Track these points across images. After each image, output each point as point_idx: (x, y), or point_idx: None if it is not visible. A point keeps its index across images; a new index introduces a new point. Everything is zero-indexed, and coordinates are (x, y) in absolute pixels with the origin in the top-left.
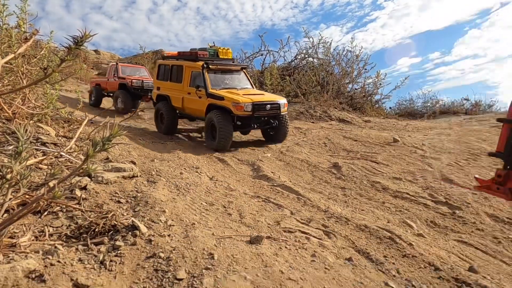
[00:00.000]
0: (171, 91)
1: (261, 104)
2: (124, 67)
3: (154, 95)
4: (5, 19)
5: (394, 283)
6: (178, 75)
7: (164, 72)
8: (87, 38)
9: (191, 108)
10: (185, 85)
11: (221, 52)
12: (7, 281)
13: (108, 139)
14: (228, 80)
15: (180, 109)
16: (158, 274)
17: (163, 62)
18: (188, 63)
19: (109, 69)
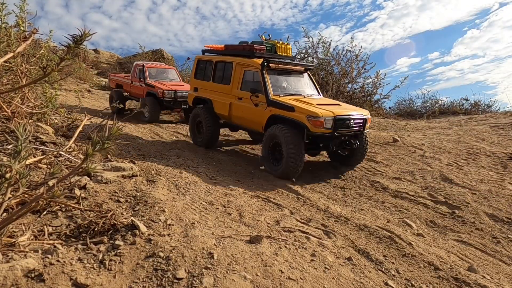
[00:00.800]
0: (214, 94)
1: (345, 118)
2: (151, 69)
3: (190, 98)
4: (4, 18)
5: (393, 283)
6: (224, 75)
7: (205, 70)
8: (86, 37)
9: (243, 118)
10: (234, 87)
11: (280, 48)
12: (6, 280)
13: (108, 138)
14: (289, 84)
15: (226, 117)
16: (157, 274)
17: (204, 57)
18: (240, 60)
19: (133, 69)
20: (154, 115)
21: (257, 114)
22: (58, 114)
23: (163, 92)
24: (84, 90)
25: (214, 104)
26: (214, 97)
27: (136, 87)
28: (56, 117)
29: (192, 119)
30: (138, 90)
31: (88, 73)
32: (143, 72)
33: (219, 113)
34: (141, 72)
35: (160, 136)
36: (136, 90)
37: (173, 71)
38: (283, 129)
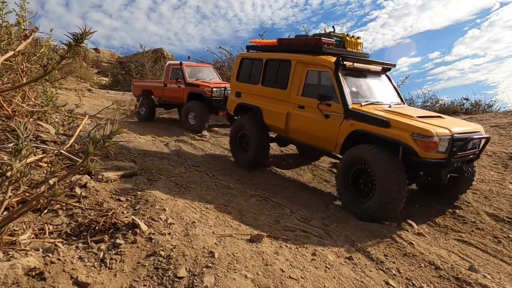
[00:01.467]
0: (265, 100)
1: (464, 138)
2: (188, 67)
3: (231, 105)
4: (5, 16)
5: (394, 282)
6: (279, 76)
7: (252, 70)
8: (87, 35)
9: (307, 133)
10: (293, 92)
11: (349, 43)
12: (7, 278)
13: (109, 137)
14: (368, 89)
15: (279, 130)
16: (158, 272)
17: (251, 55)
18: (302, 57)
19: (166, 70)
20: (202, 121)
21: (329, 129)
22: (58, 113)
23: (212, 91)
24: (85, 89)
25: (264, 113)
26: (264, 105)
27: (172, 90)
28: (56, 116)
29: (234, 131)
30: (176, 93)
31: (89, 72)
32: (181, 71)
33: (270, 125)
34: (178, 72)
35: (161, 135)
36: (173, 93)
37: (210, 69)
38: (377, 153)
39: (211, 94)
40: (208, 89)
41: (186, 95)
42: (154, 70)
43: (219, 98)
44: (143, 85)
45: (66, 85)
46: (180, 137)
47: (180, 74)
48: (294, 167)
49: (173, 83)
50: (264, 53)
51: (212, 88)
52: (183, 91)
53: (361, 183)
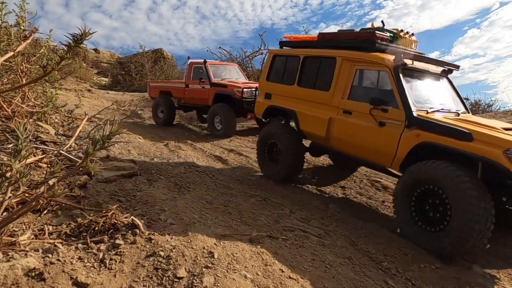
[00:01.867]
0: (301, 103)
1: None
2: (213, 66)
3: (259, 108)
4: (4, 17)
5: (394, 282)
6: (320, 76)
7: (286, 69)
8: (86, 36)
9: (356, 143)
10: (338, 95)
11: (403, 40)
12: (6, 279)
13: (108, 137)
14: (430, 93)
15: (319, 138)
16: (158, 273)
17: (285, 52)
18: (350, 54)
19: (188, 70)
20: (230, 125)
21: (385, 139)
22: (58, 113)
23: (243, 92)
24: (84, 90)
25: (300, 118)
26: (300, 108)
27: (195, 91)
28: (56, 117)
29: (262, 139)
30: (200, 94)
31: (88, 73)
32: (205, 71)
33: (307, 132)
34: (201, 72)
35: (160, 136)
36: (196, 94)
37: (234, 68)
38: (458, 173)
39: (241, 95)
40: (238, 90)
41: (212, 96)
42: (154, 71)
43: (250, 100)
44: (161, 86)
45: (66, 85)
46: (180, 138)
47: (204, 73)
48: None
49: (196, 84)
50: (301, 49)
51: (243, 88)
52: (208, 92)
53: (429, 209)
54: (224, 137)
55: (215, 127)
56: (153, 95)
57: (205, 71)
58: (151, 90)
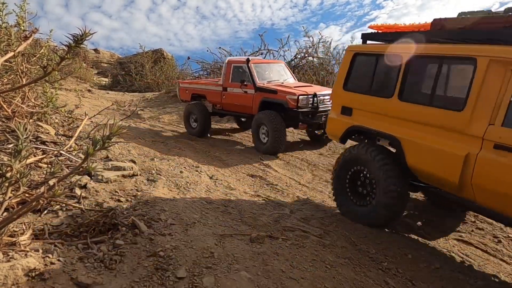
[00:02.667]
0: (409, 128)
1: None
2: (257, 65)
3: (335, 128)
4: (5, 17)
5: (394, 282)
6: (443, 85)
7: (375, 73)
8: (87, 36)
9: None
10: (482, 118)
11: None
12: (7, 279)
13: (108, 138)
14: None
15: (447, 184)
16: (158, 273)
17: (371, 48)
18: (504, 52)
19: (226, 70)
20: (279, 139)
21: None
22: (58, 113)
23: (298, 99)
24: (85, 90)
25: (409, 150)
26: (407, 134)
27: (235, 96)
28: (56, 117)
29: (344, 165)
30: (241, 101)
31: (88, 73)
32: (247, 72)
33: (422, 171)
34: (242, 73)
35: (160, 135)
36: (237, 100)
37: (281, 66)
38: None
39: (296, 104)
40: (291, 97)
41: (257, 103)
42: (154, 71)
43: (306, 110)
44: (194, 88)
45: (66, 85)
46: (179, 138)
47: (246, 75)
48: (294, 167)
49: (236, 87)
50: (403, 45)
51: (298, 95)
52: (252, 99)
53: None
54: (270, 153)
55: (260, 140)
56: (184, 98)
57: (248, 72)
58: (181, 92)
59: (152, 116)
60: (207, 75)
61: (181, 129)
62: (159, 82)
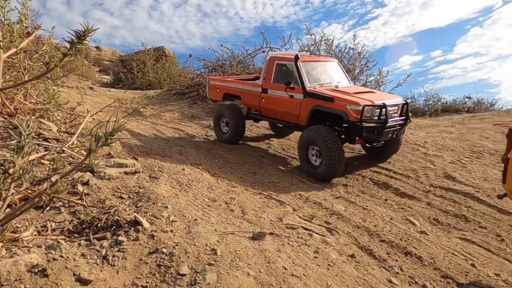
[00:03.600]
0: None
1: None
2: (307, 64)
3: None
4: (7, 14)
5: (397, 280)
6: None
7: None
8: (89, 33)
9: None
10: None
11: None
12: (10, 275)
13: (111, 134)
14: None
15: None
16: (161, 270)
17: None
18: None
19: (267, 67)
20: (337, 164)
21: None
22: (60, 110)
23: (363, 111)
24: (86, 87)
25: None
26: None
27: (278, 100)
28: (58, 114)
29: None
30: (286, 107)
31: (90, 70)
32: (295, 72)
33: None
34: (288, 72)
35: (162, 133)
36: (280, 105)
37: (335, 65)
38: None
39: (359, 116)
40: (354, 107)
41: (306, 112)
42: (156, 68)
43: (372, 125)
44: (227, 87)
45: (68, 83)
46: (181, 135)
47: (294, 75)
48: (295, 165)
49: (279, 89)
50: None
51: (364, 106)
52: (299, 105)
53: None
54: (325, 179)
55: (309, 161)
56: (214, 98)
57: (295, 72)
58: (211, 90)
59: (154, 114)
60: (208, 72)
61: (183, 126)
62: (161, 80)
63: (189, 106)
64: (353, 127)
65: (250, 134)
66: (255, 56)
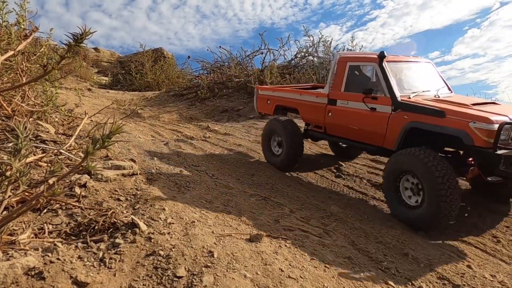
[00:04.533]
0: None
1: None
2: (395, 64)
3: None
4: (5, 16)
5: (394, 282)
6: None
7: None
8: (87, 35)
9: None
10: None
11: None
12: (6, 278)
13: (108, 137)
14: None
15: None
16: (157, 272)
17: None
18: None
19: (336, 71)
20: (449, 208)
21: None
22: (58, 112)
23: (500, 130)
24: (85, 89)
25: None
26: None
27: (353, 114)
28: (56, 116)
29: None
30: (365, 123)
31: (89, 72)
32: (380, 76)
33: None
34: (365, 76)
35: (160, 134)
36: (358, 122)
37: (431, 68)
38: None
39: (494, 139)
40: (481, 125)
41: (398, 131)
42: (154, 70)
43: None
44: (280, 97)
45: (66, 84)
46: (179, 137)
47: (377, 81)
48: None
49: (355, 100)
50: None
51: (502, 124)
52: (387, 122)
53: None
54: (428, 228)
55: (401, 198)
56: (263, 111)
57: (380, 77)
58: (260, 102)
59: (152, 115)
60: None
61: (181, 128)
62: (159, 81)
63: (188, 108)
64: (480, 155)
65: None
66: (253, 57)
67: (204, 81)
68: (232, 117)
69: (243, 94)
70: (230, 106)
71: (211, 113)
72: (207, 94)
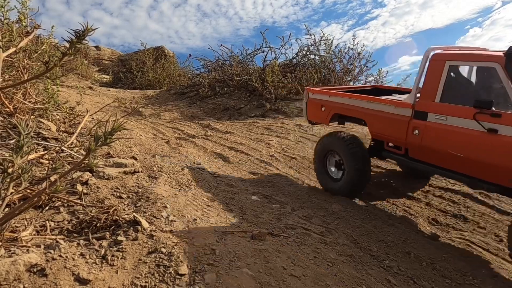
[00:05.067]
0: None
1: None
2: None
3: None
4: (6, 13)
5: (396, 280)
6: None
7: None
8: (89, 32)
9: None
10: None
11: None
12: (8, 274)
13: (110, 134)
14: None
15: None
16: (160, 269)
17: None
18: None
19: (427, 74)
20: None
21: None
22: (60, 110)
23: None
24: (86, 87)
25: None
26: None
27: (456, 135)
28: (58, 113)
29: None
30: (479, 152)
31: (90, 70)
32: (504, 81)
33: None
34: (480, 84)
35: (161, 132)
36: (463, 148)
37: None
38: None
39: None
40: None
41: None
42: (155, 68)
43: None
44: (341, 104)
45: (67, 82)
46: (180, 135)
47: (498, 90)
48: (295, 165)
49: (459, 115)
50: None
51: None
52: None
53: None
54: None
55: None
56: (316, 119)
57: (506, 85)
58: (311, 108)
59: (153, 114)
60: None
61: (182, 126)
62: (160, 80)
63: (189, 106)
64: None
65: None
66: (254, 56)
67: (205, 79)
68: (233, 115)
69: (244, 92)
70: (231, 105)
71: (212, 111)
72: (208, 92)
